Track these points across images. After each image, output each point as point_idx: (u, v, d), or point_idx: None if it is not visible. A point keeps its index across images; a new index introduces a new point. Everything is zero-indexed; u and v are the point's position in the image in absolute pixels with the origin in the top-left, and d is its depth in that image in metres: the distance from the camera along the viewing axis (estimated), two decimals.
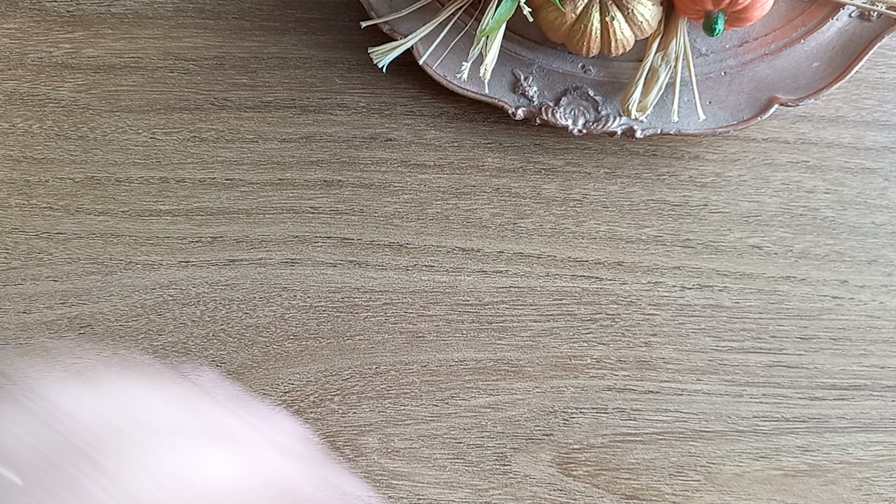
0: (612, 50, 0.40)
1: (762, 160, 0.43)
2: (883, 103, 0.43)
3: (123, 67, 0.44)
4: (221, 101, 0.44)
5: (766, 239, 0.43)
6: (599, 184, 0.43)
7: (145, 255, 0.43)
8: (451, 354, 0.42)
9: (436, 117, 0.43)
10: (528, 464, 0.41)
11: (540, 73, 0.42)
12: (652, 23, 0.39)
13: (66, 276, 0.43)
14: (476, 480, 0.41)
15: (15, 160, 0.44)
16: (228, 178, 0.43)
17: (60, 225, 0.43)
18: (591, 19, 0.38)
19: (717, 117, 0.42)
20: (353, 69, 0.44)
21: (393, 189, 0.43)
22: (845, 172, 0.43)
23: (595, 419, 0.42)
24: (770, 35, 0.42)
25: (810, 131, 0.43)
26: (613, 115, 0.42)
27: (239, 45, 0.44)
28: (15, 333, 0.42)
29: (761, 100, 0.41)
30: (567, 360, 0.42)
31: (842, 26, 0.41)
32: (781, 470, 0.41)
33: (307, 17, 0.44)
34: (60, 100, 0.44)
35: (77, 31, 0.44)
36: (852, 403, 0.42)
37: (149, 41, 0.44)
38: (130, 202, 0.43)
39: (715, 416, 0.42)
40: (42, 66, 0.44)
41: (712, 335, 0.42)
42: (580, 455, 0.41)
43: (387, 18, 0.41)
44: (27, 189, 0.43)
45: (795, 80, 0.41)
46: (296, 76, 0.44)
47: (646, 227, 0.43)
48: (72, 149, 0.44)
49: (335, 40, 0.44)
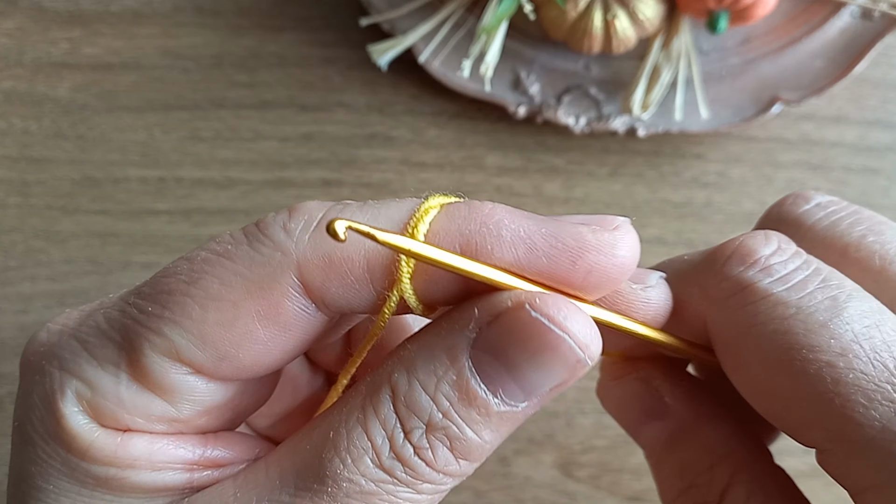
0: (614, 48, 0.39)
1: (765, 159, 0.43)
2: (886, 103, 0.43)
3: (121, 66, 0.44)
4: (220, 100, 0.43)
5: None
6: (602, 183, 0.43)
7: (143, 255, 0.42)
8: None
9: (436, 116, 0.43)
10: (530, 466, 0.41)
11: (541, 71, 0.42)
12: (654, 21, 0.39)
13: (63, 277, 0.42)
14: (477, 482, 0.41)
15: (13, 159, 0.43)
16: (227, 178, 0.43)
17: (58, 224, 0.43)
18: (593, 17, 0.38)
19: (720, 116, 0.41)
20: (352, 67, 0.43)
21: (393, 188, 0.43)
22: (848, 172, 0.43)
23: (597, 421, 0.41)
24: (773, 34, 0.42)
25: (813, 130, 0.43)
26: (616, 113, 0.42)
27: (237, 43, 0.44)
28: (13, 334, 0.42)
29: (764, 98, 0.41)
30: None
31: (844, 25, 0.41)
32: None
33: (306, 15, 0.44)
34: (58, 99, 0.44)
35: (75, 29, 0.44)
36: None
37: (147, 40, 0.44)
38: (128, 202, 0.43)
39: None
40: (40, 64, 0.44)
41: None
42: (582, 457, 0.41)
43: (387, 16, 0.41)
44: (25, 188, 0.43)
45: (798, 78, 0.41)
46: (295, 74, 0.43)
47: (648, 227, 0.42)
48: (70, 148, 0.43)
49: (334, 38, 0.43)
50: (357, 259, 0.20)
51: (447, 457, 0.20)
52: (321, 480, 0.19)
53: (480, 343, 0.19)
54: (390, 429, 0.19)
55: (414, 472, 0.19)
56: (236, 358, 0.20)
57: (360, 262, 0.20)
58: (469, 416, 0.19)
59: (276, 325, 0.20)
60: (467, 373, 0.19)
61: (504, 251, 0.19)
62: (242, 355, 0.20)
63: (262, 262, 0.20)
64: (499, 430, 0.20)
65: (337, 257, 0.20)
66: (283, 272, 0.20)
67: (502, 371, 0.19)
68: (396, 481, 0.19)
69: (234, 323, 0.20)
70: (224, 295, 0.20)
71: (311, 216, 0.20)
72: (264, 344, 0.20)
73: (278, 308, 0.20)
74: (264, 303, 0.20)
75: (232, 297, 0.20)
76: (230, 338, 0.20)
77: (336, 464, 0.19)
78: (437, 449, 0.19)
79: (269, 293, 0.20)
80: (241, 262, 0.20)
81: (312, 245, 0.20)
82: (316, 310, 0.20)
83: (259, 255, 0.20)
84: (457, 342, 0.19)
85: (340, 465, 0.19)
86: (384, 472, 0.19)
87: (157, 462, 0.21)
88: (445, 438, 0.19)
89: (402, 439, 0.19)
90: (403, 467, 0.19)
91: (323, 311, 0.20)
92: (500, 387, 0.19)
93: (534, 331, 0.19)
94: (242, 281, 0.20)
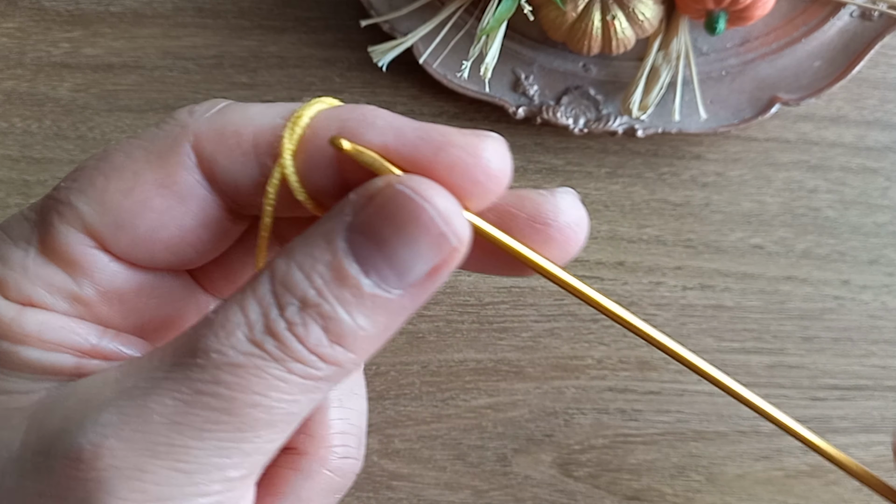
0: (613, 49, 0.39)
1: (764, 160, 0.43)
2: (884, 103, 0.43)
3: (122, 66, 0.44)
4: None
5: (768, 239, 0.42)
6: (600, 183, 0.43)
7: None
8: (452, 355, 0.42)
9: (436, 116, 0.43)
10: (529, 465, 0.41)
11: (541, 72, 0.42)
12: (653, 21, 0.39)
13: None
14: (476, 482, 0.41)
15: (13, 160, 0.43)
16: None
17: None
18: (592, 18, 0.38)
19: (719, 116, 0.41)
20: (352, 68, 0.43)
21: None
22: (847, 172, 0.43)
23: (596, 420, 0.41)
24: (771, 34, 0.42)
25: (812, 131, 0.43)
26: (614, 114, 0.42)
27: (238, 44, 0.44)
28: None
29: (763, 99, 0.41)
30: (568, 361, 0.42)
31: (843, 26, 0.41)
32: (783, 471, 0.41)
33: (307, 15, 0.44)
34: (59, 99, 0.44)
35: (76, 30, 0.44)
36: (854, 404, 0.42)
37: (148, 40, 0.44)
38: None
39: (717, 416, 0.41)
40: (41, 65, 0.44)
41: (714, 335, 0.42)
42: (581, 456, 0.41)
43: (387, 17, 0.41)
44: (26, 189, 0.43)
45: (797, 79, 0.41)
46: (295, 75, 0.44)
47: (647, 227, 0.42)
48: (70, 148, 0.43)
49: (335, 39, 0.44)
50: (245, 134, 0.21)
51: (320, 337, 0.20)
52: (192, 353, 0.19)
53: (355, 225, 0.20)
54: (265, 305, 0.20)
55: (284, 346, 0.19)
56: (133, 226, 0.22)
57: (248, 137, 0.21)
58: (342, 295, 0.20)
59: (171, 195, 0.22)
60: (341, 253, 0.20)
61: (374, 136, 0.21)
62: (139, 223, 0.22)
63: (163, 136, 0.22)
64: (373, 316, 0.20)
65: (228, 131, 0.21)
66: (179, 143, 0.22)
67: (374, 251, 0.20)
68: (267, 355, 0.19)
69: (132, 190, 0.21)
70: (126, 165, 0.22)
71: (216, 103, 0.22)
72: (160, 213, 0.22)
73: (173, 177, 0.21)
74: (161, 172, 0.21)
75: (133, 168, 0.22)
76: (129, 205, 0.21)
77: (209, 337, 0.19)
78: (310, 326, 0.19)
79: (165, 162, 0.21)
80: (145, 138, 0.22)
81: (208, 121, 0.22)
82: (209, 186, 0.22)
83: (161, 132, 0.22)
84: (333, 226, 0.20)
85: (213, 338, 0.19)
86: (255, 346, 0.19)
87: (48, 341, 0.21)
88: (318, 317, 0.19)
89: (276, 314, 0.19)
90: (275, 341, 0.19)
91: (214, 188, 0.22)
92: (373, 267, 0.20)
93: (399, 202, 0.19)
94: (143, 153, 0.22)
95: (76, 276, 0.22)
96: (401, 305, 0.20)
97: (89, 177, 0.22)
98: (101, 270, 0.22)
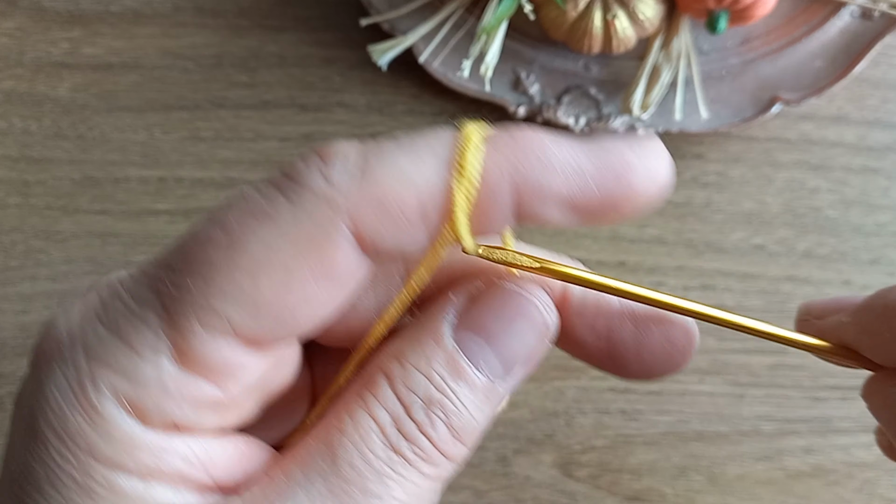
0: (613, 48, 0.39)
1: (765, 159, 0.43)
2: (885, 103, 0.43)
3: (122, 66, 0.44)
4: (220, 100, 0.43)
5: (769, 239, 0.42)
6: None
7: (143, 255, 0.42)
8: None
9: (436, 116, 0.43)
10: (530, 465, 0.41)
11: (541, 71, 0.42)
12: (654, 21, 0.39)
13: (63, 277, 0.42)
14: (477, 482, 0.41)
15: (13, 159, 0.43)
16: (227, 178, 0.43)
17: (58, 224, 0.43)
18: (592, 17, 0.38)
19: (720, 116, 0.41)
20: (352, 67, 0.43)
21: None
22: (848, 172, 0.43)
23: (597, 420, 0.41)
24: (772, 34, 0.42)
25: (813, 131, 0.43)
26: (615, 113, 0.42)
27: (238, 43, 0.44)
28: (13, 334, 0.42)
29: (764, 98, 0.41)
30: (569, 361, 0.42)
31: (844, 25, 0.41)
32: (784, 471, 0.41)
33: (306, 15, 0.44)
34: (58, 99, 0.44)
35: (75, 29, 0.44)
36: (855, 404, 0.41)
37: (147, 40, 0.44)
38: (128, 202, 0.43)
39: (717, 417, 0.41)
40: (40, 65, 0.44)
41: (715, 335, 0.42)
42: (582, 456, 0.41)
43: (387, 16, 0.41)
44: (25, 188, 0.43)
45: (798, 78, 0.41)
46: (295, 74, 0.43)
47: (648, 227, 0.42)
48: (70, 148, 0.43)
49: (335, 38, 0.43)
50: (409, 201, 0.19)
51: (445, 434, 0.20)
52: (333, 464, 0.19)
53: (461, 324, 0.21)
54: (391, 408, 0.20)
55: (419, 448, 0.20)
56: (294, 323, 0.19)
57: (412, 204, 0.19)
58: (461, 390, 0.20)
59: (332, 285, 0.19)
60: (453, 350, 0.20)
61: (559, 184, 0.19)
62: (300, 318, 0.19)
63: (308, 218, 0.18)
64: (483, 408, 0.21)
65: (389, 201, 0.18)
66: (333, 225, 0.18)
67: (483, 343, 0.21)
68: (404, 460, 0.20)
69: (289, 287, 0.19)
70: (273, 259, 0.18)
71: (349, 158, 0.19)
72: (323, 304, 0.19)
73: (333, 266, 0.19)
74: (318, 263, 0.19)
75: (281, 261, 0.18)
76: (287, 304, 0.19)
77: (346, 445, 0.20)
78: (437, 424, 0.20)
79: (322, 251, 0.18)
80: (284, 221, 0.18)
81: (361, 192, 0.18)
82: (368, 260, 0.19)
83: (302, 211, 0.18)
84: (439, 326, 0.21)
85: (350, 446, 0.20)
86: (392, 451, 0.20)
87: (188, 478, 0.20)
88: (442, 413, 0.20)
89: (404, 415, 0.20)
90: (409, 444, 0.20)
91: (373, 260, 0.20)
92: (482, 359, 0.21)
93: (506, 298, 0.21)
94: (291, 242, 0.18)
95: (221, 384, 0.19)
96: (502, 396, 0.21)
97: (228, 275, 0.18)
98: (248, 368, 0.20)
